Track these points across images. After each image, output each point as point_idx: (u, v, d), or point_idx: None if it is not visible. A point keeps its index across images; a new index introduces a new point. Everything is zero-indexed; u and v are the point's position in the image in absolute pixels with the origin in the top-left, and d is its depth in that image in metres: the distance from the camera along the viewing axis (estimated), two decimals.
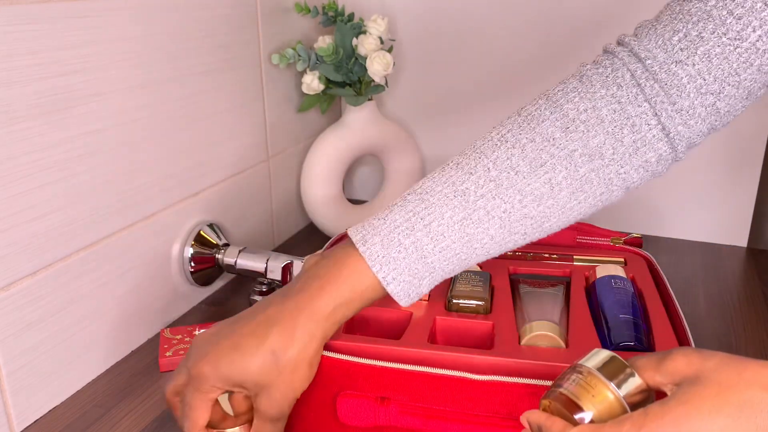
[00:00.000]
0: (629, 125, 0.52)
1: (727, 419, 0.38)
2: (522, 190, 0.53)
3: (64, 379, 0.68)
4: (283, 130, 1.03)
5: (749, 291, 0.90)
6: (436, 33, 1.10)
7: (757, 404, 0.38)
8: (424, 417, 0.55)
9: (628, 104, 0.52)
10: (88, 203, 0.68)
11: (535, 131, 0.54)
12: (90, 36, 0.66)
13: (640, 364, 0.43)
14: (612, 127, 0.53)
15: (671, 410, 0.40)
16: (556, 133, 0.53)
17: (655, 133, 0.53)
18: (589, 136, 0.53)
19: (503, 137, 0.55)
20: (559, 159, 0.53)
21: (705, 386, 0.40)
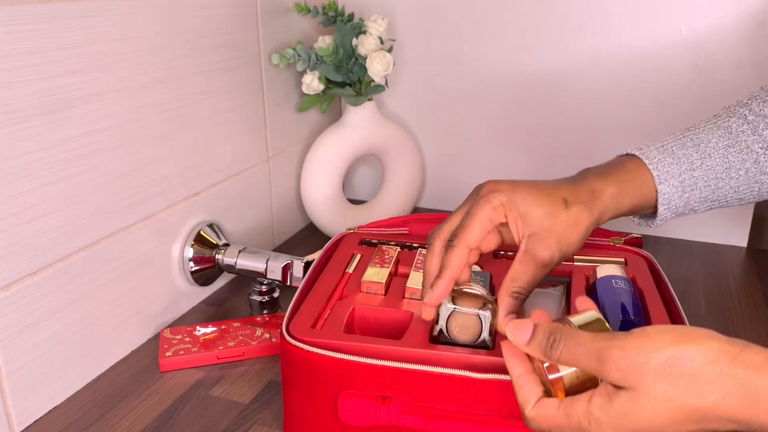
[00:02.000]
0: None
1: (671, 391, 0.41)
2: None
3: (64, 379, 0.68)
4: (283, 130, 1.03)
5: (749, 291, 0.90)
6: (436, 33, 1.10)
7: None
8: (425, 416, 0.55)
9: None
10: (88, 203, 0.68)
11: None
12: (90, 36, 0.66)
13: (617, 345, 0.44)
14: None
15: (614, 407, 0.42)
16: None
17: None
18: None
19: (753, 97, 0.65)
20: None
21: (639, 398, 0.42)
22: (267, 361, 0.74)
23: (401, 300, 0.66)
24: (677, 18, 0.97)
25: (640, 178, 0.61)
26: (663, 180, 0.61)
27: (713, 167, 0.62)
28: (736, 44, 0.95)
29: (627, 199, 0.60)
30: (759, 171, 0.63)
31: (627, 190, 0.60)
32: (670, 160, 0.62)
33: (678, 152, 0.62)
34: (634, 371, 0.42)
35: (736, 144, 0.62)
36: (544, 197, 0.56)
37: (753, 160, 0.62)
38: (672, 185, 0.61)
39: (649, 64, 1.00)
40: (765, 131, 0.62)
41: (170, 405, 0.67)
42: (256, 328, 0.78)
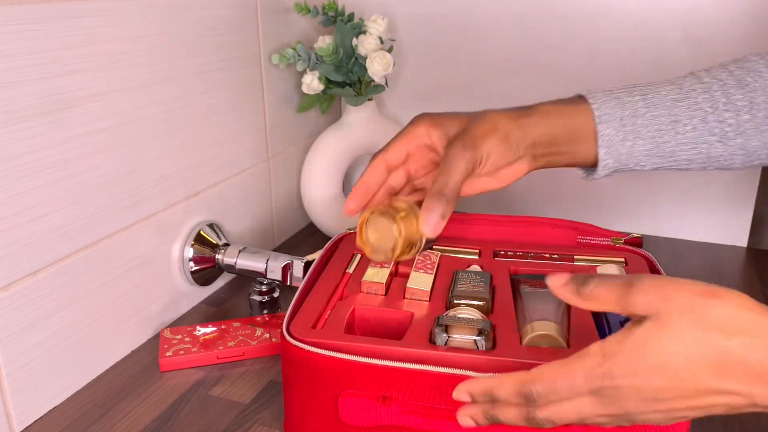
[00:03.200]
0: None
1: (693, 335, 0.40)
2: (728, 95, 0.61)
3: (64, 379, 0.68)
4: (283, 130, 1.03)
5: (749, 291, 0.90)
6: (436, 33, 1.10)
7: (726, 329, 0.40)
8: (425, 416, 0.55)
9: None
10: (88, 203, 0.68)
11: (742, 65, 0.62)
12: (90, 36, 0.66)
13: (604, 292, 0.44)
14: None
15: (633, 336, 0.42)
16: (761, 69, 0.61)
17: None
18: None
19: (716, 65, 0.64)
20: (762, 86, 0.61)
21: (665, 321, 0.41)
22: (267, 361, 0.74)
23: (402, 300, 0.66)
24: (677, 17, 0.97)
25: (581, 115, 0.61)
26: (603, 120, 0.60)
27: (658, 117, 0.61)
28: (736, 44, 0.95)
29: (560, 122, 0.60)
30: (706, 130, 0.61)
31: (563, 115, 0.61)
32: (614, 103, 0.61)
33: (624, 98, 0.61)
34: (662, 298, 0.41)
35: (685, 99, 0.61)
36: (459, 115, 0.60)
37: (701, 118, 0.61)
38: (613, 127, 0.60)
39: (647, 62, 1.00)
40: (717, 92, 0.61)
41: (170, 405, 0.67)
42: (256, 328, 0.78)
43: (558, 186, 1.10)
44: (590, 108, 0.61)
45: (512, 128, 0.59)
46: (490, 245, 0.77)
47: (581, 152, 0.62)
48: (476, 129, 0.59)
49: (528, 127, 0.60)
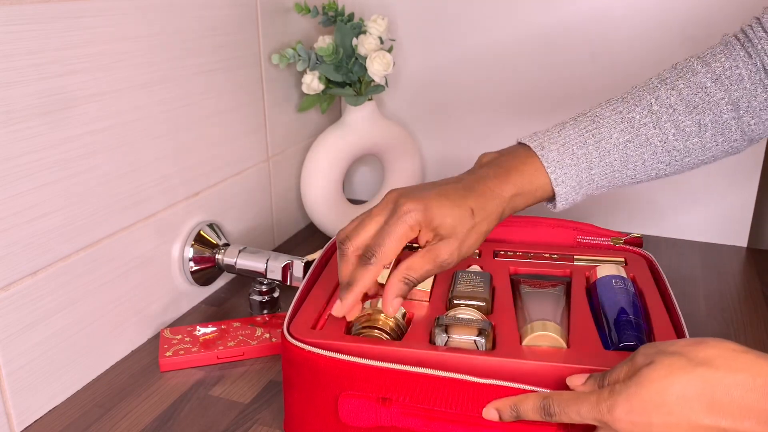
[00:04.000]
0: (762, 85, 0.64)
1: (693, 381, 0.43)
2: (677, 125, 0.64)
3: (64, 379, 0.68)
4: (283, 130, 1.03)
5: (749, 291, 0.90)
6: (436, 33, 1.10)
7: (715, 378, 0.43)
8: (425, 418, 0.55)
9: (763, 70, 0.64)
10: (88, 203, 0.68)
11: (690, 80, 0.65)
12: (90, 36, 0.66)
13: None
14: (749, 84, 0.64)
15: (635, 378, 0.46)
16: (707, 84, 0.64)
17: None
18: (731, 89, 0.64)
19: (663, 81, 0.66)
20: (708, 104, 0.64)
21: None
22: (267, 361, 0.74)
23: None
24: (677, 16, 0.97)
25: (538, 181, 0.63)
26: (560, 182, 0.63)
27: (611, 164, 0.64)
28: None
29: (523, 201, 0.63)
30: (656, 160, 0.65)
31: (525, 194, 0.63)
32: (569, 162, 0.63)
33: (578, 152, 0.63)
34: (657, 351, 0.47)
35: (636, 138, 0.64)
36: (455, 209, 0.59)
37: (651, 152, 0.64)
38: (569, 186, 0.63)
39: (647, 62, 1.00)
40: (666, 124, 0.64)
41: (170, 405, 0.67)
42: (256, 328, 0.78)
43: None
44: (545, 172, 0.63)
45: (492, 227, 0.62)
46: (490, 245, 0.77)
47: (541, 198, 0.65)
48: (466, 235, 0.60)
49: (502, 216, 0.63)
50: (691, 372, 0.43)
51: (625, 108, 0.65)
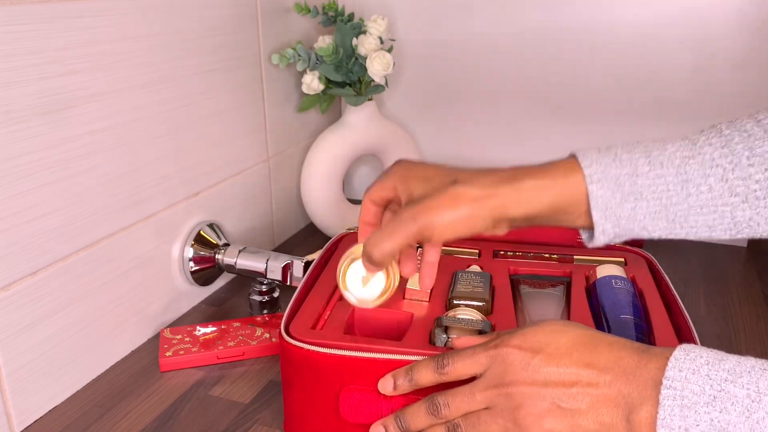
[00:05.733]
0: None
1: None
2: (752, 148, 0.50)
3: (64, 379, 0.68)
4: (283, 130, 1.03)
5: (749, 291, 0.90)
6: (435, 33, 1.10)
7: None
8: None
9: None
10: (88, 203, 0.68)
11: (766, 115, 0.52)
12: (90, 36, 0.66)
13: None
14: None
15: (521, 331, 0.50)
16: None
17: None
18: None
19: (735, 118, 0.53)
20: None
21: None
22: (267, 361, 0.74)
23: (401, 301, 0.66)
24: (677, 16, 0.97)
25: (570, 177, 0.52)
26: (595, 180, 0.52)
27: (664, 176, 0.51)
28: (736, 44, 0.95)
29: (544, 200, 0.52)
30: (727, 190, 0.51)
31: (548, 191, 0.52)
32: (609, 161, 0.52)
33: (622, 155, 0.52)
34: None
35: (698, 155, 0.51)
36: (434, 176, 0.56)
37: (719, 177, 0.51)
38: (606, 187, 0.51)
39: (648, 62, 1.00)
40: (738, 145, 0.51)
41: (170, 405, 0.67)
42: (256, 328, 0.78)
43: None
44: (580, 168, 0.52)
45: (478, 209, 0.52)
46: (490, 245, 0.77)
47: (572, 220, 0.54)
48: (435, 201, 0.53)
49: (499, 209, 0.53)
50: (582, 328, 0.50)
51: (688, 134, 0.54)
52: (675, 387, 0.43)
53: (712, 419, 0.42)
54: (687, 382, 0.43)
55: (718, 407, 0.42)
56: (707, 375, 0.43)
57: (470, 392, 0.50)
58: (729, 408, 0.42)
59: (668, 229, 0.53)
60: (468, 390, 0.50)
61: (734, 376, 0.42)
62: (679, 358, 0.44)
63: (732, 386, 0.42)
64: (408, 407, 0.53)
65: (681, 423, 0.42)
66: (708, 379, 0.43)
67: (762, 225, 0.51)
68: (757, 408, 0.41)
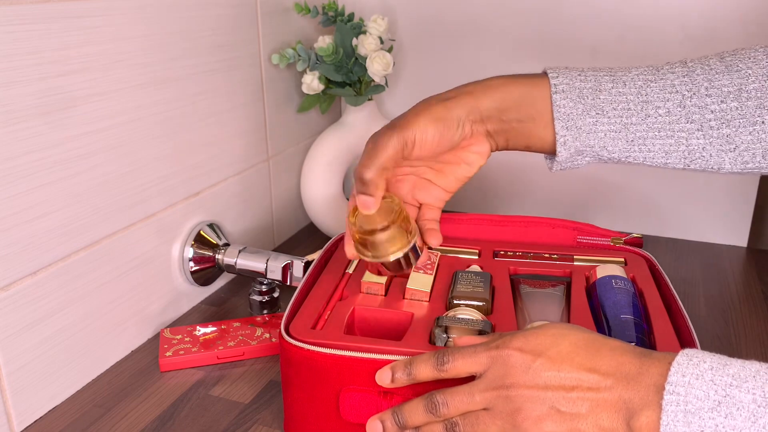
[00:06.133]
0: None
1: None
2: (712, 80, 0.52)
3: (64, 379, 0.68)
4: (283, 130, 1.03)
5: (749, 291, 0.90)
6: (436, 33, 1.10)
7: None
8: None
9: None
10: (88, 203, 0.68)
11: (739, 52, 0.54)
12: (90, 36, 0.66)
13: None
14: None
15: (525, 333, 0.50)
16: (759, 56, 0.54)
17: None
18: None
19: (704, 56, 0.55)
20: (756, 71, 0.53)
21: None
22: (267, 361, 0.74)
23: (401, 301, 0.66)
24: (678, 17, 0.97)
25: (537, 86, 0.55)
26: (561, 90, 0.54)
27: (626, 95, 0.53)
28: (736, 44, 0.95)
29: (511, 93, 0.55)
30: (683, 116, 0.53)
31: (516, 85, 0.55)
32: (575, 75, 0.54)
33: (588, 72, 0.55)
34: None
35: (659, 80, 0.53)
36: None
37: (677, 102, 0.53)
38: (569, 98, 0.53)
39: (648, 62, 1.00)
40: (699, 76, 0.53)
41: (170, 405, 0.67)
42: (256, 328, 0.78)
43: (558, 186, 1.10)
44: (548, 79, 0.55)
45: (451, 106, 0.56)
46: (490, 245, 0.77)
47: (538, 129, 0.56)
48: (410, 111, 0.57)
49: (471, 102, 0.56)
50: (584, 332, 0.50)
51: (653, 64, 0.56)
52: (678, 392, 0.42)
53: (716, 425, 0.41)
54: (690, 387, 0.43)
55: (722, 412, 0.41)
56: (711, 380, 0.42)
57: (469, 392, 0.50)
58: (734, 413, 0.41)
59: (627, 151, 0.55)
60: (467, 390, 0.50)
61: (739, 380, 0.42)
62: (682, 363, 0.44)
63: (737, 391, 0.42)
64: (406, 403, 0.52)
65: (685, 429, 0.42)
66: (712, 384, 0.42)
67: (714, 157, 0.54)
68: (763, 413, 0.41)
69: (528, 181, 1.12)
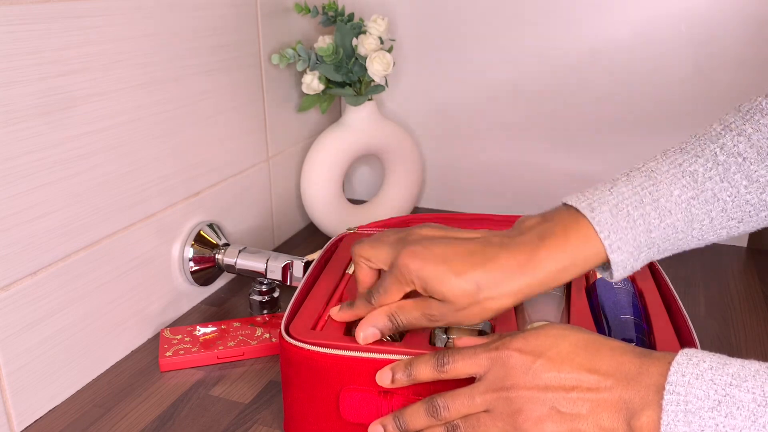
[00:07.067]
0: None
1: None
2: (749, 176, 0.54)
3: (64, 379, 0.68)
4: (283, 130, 1.03)
5: (749, 291, 0.90)
6: (436, 33, 1.10)
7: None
8: None
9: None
10: (88, 203, 0.68)
11: (759, 122, 0.55)
12: (90, 36, 0.66)
13: None
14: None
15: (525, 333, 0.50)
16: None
17: None
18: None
19: (727, 126, 0.56)
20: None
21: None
22: (267, 361, 0.74)
23: None
24: (678, 17, 0.97)
25: (589, 249, 0.54)
26: (616, 249, 0.53)
27: (674, 224, 0.54)
28: (736, 44, 0.95)
29: (572, 273, 0.54)
30: (726, 218, 0.55)
31: (574, 266, 0.54)
32: (624, 224, 0.53)
33: (633, 213, 0.54)
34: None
35: (701, 195, 0.54)
36: (454, 279, 0.53)
37: (720, 209, 0.55)
38: (627, 252, 0.54)
39: (648, 62, 1.00)
40: (736, 175, 0.54)
41: (170, 405, 0.67)
42: (256, 328, 0.78)
43: (558, 186, 1.10)
44: (598, 237, 0.53)
45: (506, 306, 0.54)
46: None
47: (589, 267, 0.56)
48: (464, 317, 0.54)
49: (532, 291, 0.54)
50: (584, 332, 0.50)
51: (686, 160, 0.55)
52: (678, 392, 0.43)
53: (717, 424, 0.41)
54: (690, 387, 0.43)
55: (723, 412, 0.42)
56: (711, 380, 0.43)
57: (470, 395, 0.50)
58: (734, 413, 0.41)
59: (673, 254, 0.58)
60: (468, 392, 0.50)
61: (739, 380, 0.42)
62: (682, 363, 0.44)
63: (737, 390, 0.42)
64: (407, 408, 0.53)
65: (685, 429, 0.42)
66: (712, 383, 0.42)
67: (749, 230, 0.57)
68: (763, 412, 0.41)
69: (528, 180, 1.12)
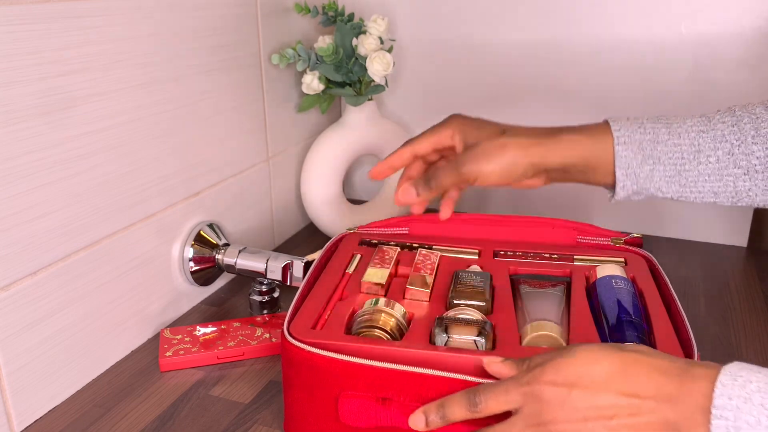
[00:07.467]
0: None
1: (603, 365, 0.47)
2: (758, 128, 0.59)
3: (64, 379, 0.68)
4: (283, 130, 1.03)
5: (749, 291, 0.90)
6: (436, 33, 1.10)
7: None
8: None
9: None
10: (88, 203, 0.68)
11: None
12: (90, 36, 0.66)
13: None
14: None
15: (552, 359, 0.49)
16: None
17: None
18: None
19: (749, 103, 0.61)
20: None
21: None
22: (267, 361, 0.74)
23: (401, 301, 0.66)
24: (678, 17, 0.97)
25: (601, 142, 0.62)
26: (622, 142, 0.61)
27: (680, 145, 0.60)
28: (735, 44, 0.95)
29: (577, 152, 0.62)
30: (731, 162, 0.60)
31: (582, 145, 0.62)
32: (636, 128, 0.61)
33: (647, 124, 0.62)
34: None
35: (711, 131, 0.60)
36: (486, 126, 0.65)
37: (726, 150, 0.60)
38: (631, 150, 0.60)
39: (649, 63, 1.00)
40: (746, 125, 0.59)
41: (170, 405, 0.67)
42: (256, 328, 0.78)
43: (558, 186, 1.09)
44: (611, 131, 0.62)
45: (521, 156, 0.62)
46: (490, 245, 0.77)
47: (598, 177, 0.63)
48: (482, 149, 0.62)
49: (538, 157, 0.62)
50: (616, 353, 0.47)
51: (704, 113, 0.63)
52: (726, 417, 0.42)
53: None
54: (740, 412, 0.42)
55: None
56: (761, 404, 0.41)
57: (509, 431, 0.49)
58: None
59: (680, 192, 0.62)
60: (507, 429, 0.49)
61: None
62: (727, 384, 0.43)
63: None
64: (448, 399, 0.52)
65: None
66: (762, 408, 0.41)
67: (759, 195, 0.60)
68: None
69: None
